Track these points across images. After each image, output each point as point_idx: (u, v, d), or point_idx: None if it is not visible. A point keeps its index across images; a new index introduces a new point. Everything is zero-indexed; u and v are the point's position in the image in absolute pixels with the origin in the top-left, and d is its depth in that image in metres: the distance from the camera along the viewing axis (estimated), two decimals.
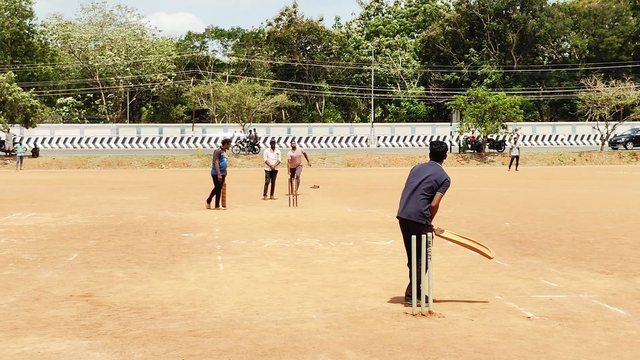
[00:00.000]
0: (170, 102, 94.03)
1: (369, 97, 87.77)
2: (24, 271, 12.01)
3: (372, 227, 17.60)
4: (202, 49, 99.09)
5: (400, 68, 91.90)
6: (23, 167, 47.06)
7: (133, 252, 13.92)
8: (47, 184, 34.30)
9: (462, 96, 58.20)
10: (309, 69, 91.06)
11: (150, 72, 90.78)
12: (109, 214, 20.51)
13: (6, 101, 51.46)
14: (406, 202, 9.57)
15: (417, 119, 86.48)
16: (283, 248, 14.47)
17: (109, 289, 10.60)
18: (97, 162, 49.80)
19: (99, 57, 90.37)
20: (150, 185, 33.37)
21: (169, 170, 47.19)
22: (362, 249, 14.29)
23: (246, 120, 61.45)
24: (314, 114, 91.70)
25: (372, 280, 11.26)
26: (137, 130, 71.43)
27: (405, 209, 9.56)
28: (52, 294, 10.25)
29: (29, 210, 21.75)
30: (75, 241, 15.40)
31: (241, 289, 10.64)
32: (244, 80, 70.90)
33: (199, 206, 23.04)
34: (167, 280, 11.24)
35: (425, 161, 10.09)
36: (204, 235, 16.28)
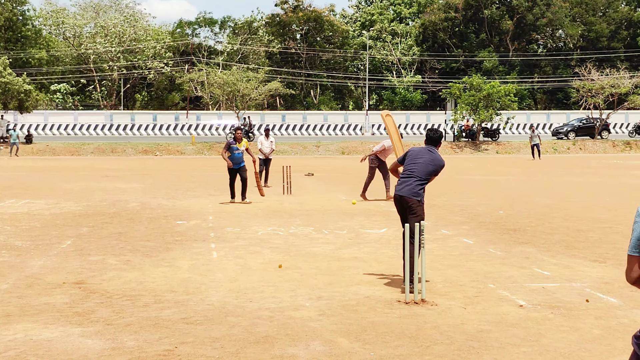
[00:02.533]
0: (164, 89, 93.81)
1: (364, 85, 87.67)
2: (17, 258, 11.99)
3: (366, 215, 17.60)
4: (194, 36, 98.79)
5: (399, 55, 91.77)
6: (18, 154, 46.85)
7: (126, 240, 13.90)
8: (41, 170, 34.24)
9: (457, 84, 58.18)
10: (305, 57, 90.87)
11: (145, 59, 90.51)
12: (102, 202, 20.49)
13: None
14: (405, 183, 10.05)
15: (411, 107, 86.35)
16: (277, 236, 14.48)
17: (101, 276, 10.59)
18: (90, 149, 49.74)
19: (92, 45, 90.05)
20: (144, 172, 33.33)
21: (163, 158, 47.16)
22: (356, 237, 14.30)
23: (240, 108, 61.36)
24: (309, 101, 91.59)
25: (366, 268, 11.27)
26: (131, 117, 71.27)
27: (402, 188, 10.02)
28: (44, 281, 10.25)
29: (22, 197, 21.71)
30: (69, 228, 15.38)
31: (234, 276, 10.64)
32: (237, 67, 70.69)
33: (193, 194, 23.02)
34: (160, 268, 11.24)
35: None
36: (197, 223, 16.27)
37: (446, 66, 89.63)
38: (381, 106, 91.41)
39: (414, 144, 51.77)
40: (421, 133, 67.91)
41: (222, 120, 68.62)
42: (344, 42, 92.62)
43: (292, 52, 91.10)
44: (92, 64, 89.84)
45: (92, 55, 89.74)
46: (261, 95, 62.36)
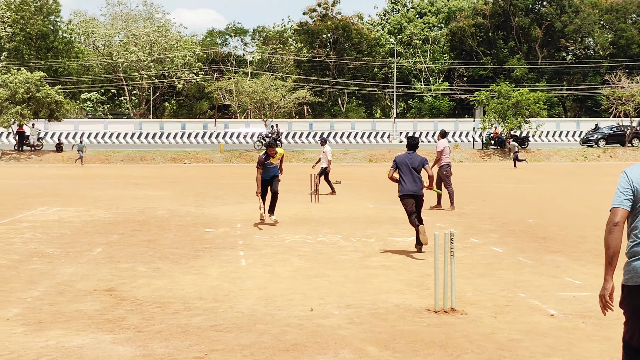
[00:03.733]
0: (193, 98, 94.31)
1: (392, 93, 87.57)
2: (48, 265, 12.09)
3: (394, 223, 17.56)
4: (224, 45, 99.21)
5: (428, 62, 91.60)
6: (82, 164, 46.89)
7: (155, 247, 13.97)
8: (71, 178, 34.50)
9: (485, 92, 57.93)
10: (333, 65, 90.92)
11: (174, 68, 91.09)
12: (131, 209, 20.60)
13: (33, 97, 51.79)
14: (412, 183, 13.44)
15: (439, 114, 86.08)
16: (305, 244, 14.49)
17: (131, 284, 10.65)
18: (120, 157, 50.04)
19: (122, 53, 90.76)
20: (172, 180, 33.48)
21: (192, 166, 47.33)
22: (384, 245, 14.28)
23: (268, 116, 61.48)
24: (337, 109, 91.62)
25: (394, 276, 11.25)
26: (160, 126, 71.61)
27: (413, 187, 13.42)
28: (75, 288, 10.32)
29: (53, 204, 21.88)
30: (99, 236, 15.48)
31: (263, 284, 10.66)
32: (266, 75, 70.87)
33: (222, 202, 23.07)
34: (190, 275, 11.29)
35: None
36: (226, 231, 16.31)
37: (474, 74, 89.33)
38: (408, 114, 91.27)
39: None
40: (449, 141, 67.63)
41: (250, 129, 68.77)
42: (372, 49, 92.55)
43: (321, 60, 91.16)
44: (122, 73, 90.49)
45: (123, 64, 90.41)
46: (289, 103, 62.46)
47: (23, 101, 51.63)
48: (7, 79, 52.66)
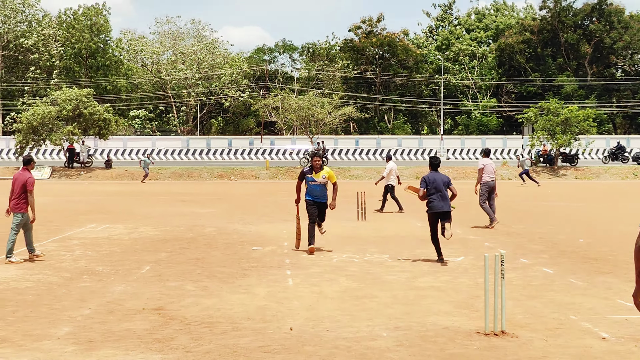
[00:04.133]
0: (240, 115, 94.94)
1: (439, 109, 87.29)
2: (98, 283, 12.20)
3: (442, 243, 17.39)
4: (272, 62, 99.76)
5: (476, 79, 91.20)
6: (145, 181, 46.81)
7: (203, 265, 14.03)
8: (120, 195, 34.84)
9: (534, 108, 57.45)
10: (379, 81, 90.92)
11: (222, 85, 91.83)
12: (179, 227, 20.72)
13: (82, 114, 52.53)
14: (439, 201, 14.49)
15: (487, 131, 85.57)
16: (352, 263, 14.44)
17: (180, 303, 10.70)
18: (167, 174, 50.43)
19: (171, 71, 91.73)
20: (219, 197, 33.64)
21: (238, 182, 47.53)
22: (433, 265, 14.18)
23: (314, 133, 61.62)
24: (383, 126, 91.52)
25: (443, 297, 11.15)
26: (207, 142, 72.14)
27: (443, 205, 14.50)
28: (125, 307, 10.39)
29: (103, 222, 22.10)
30: (147, 253, 15.59)
31: (311, 304, 10.63)
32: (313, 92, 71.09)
33: (268, 219, 23.11)
34: (237, 295, 11.30)
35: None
36: (273, 249, 16.33)
37: (523, 90, 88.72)
38: (456, 131, 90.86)
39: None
40: (497, 158, 67.23)
41: (296, 145, 68.98)
42: (419, 65, 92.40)
43: (367, 76, 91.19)
44: (170, 91, 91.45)
45: (171, 81, 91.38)
46: (335, 120, 62.52)
47: (71, 118, 52.36)
48: (58, 96, 53.49)
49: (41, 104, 53.86)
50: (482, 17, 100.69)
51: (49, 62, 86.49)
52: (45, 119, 51.57)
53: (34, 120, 51.42)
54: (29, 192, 14.51)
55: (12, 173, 50.30)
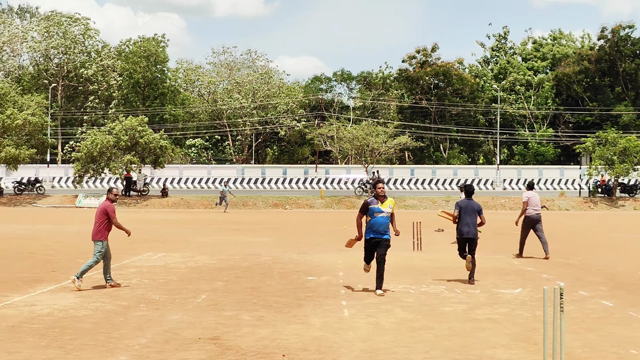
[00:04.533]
0: (295, 144, 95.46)
1: (495, 139, 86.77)
2: (155, 312, 12.28)
3: (499, 274, 17.25)
4: (328, 91, 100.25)
5: (532, 108, 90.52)
6: (227, 211, 46.43)
7: (259, 295, 14.05)
8: (176, 223, 35.13)
9: (592, 138, 56.76)
10: (434, 110, 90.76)
11: (277, 114, 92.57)
12: (235, 255, 20.81)
13: (138, 143, 53.27)
14: (468, 227, 15.74)
15: (544, 161, 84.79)
16: (408, 294, 14.34)
17: (236, 332, 10.71)
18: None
19: (227, 100, 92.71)
20: (274, 226, 33.74)
21: (293, 211, 47.64)
22: (489, 297, 14.01)
23: (369, 162, 61.63)
24: (438, 155, 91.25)
25: (501, 330, 11.01)
26: (262, 171, 72.56)
27: (470, 231, 15.74)
28: (181, 336, 10.44)
29: (159, 250, 22.29)
30: (204, 282, 15.67)
31: (367, 335, 10.57)
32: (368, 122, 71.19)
33: (323, 249, 23.10)
34: (293, 325, 11.28)
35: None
36: (328, 279, 16.30)
37: (580, 120, 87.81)
38: (512, 161, 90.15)
39: (548, 199, 50.68)
40: (554, 188, 66.47)
41: (350, 175, 69.01)
42: (474, 95, 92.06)
43: (422, 105, 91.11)
44: (226, 120, 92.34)
45: (226, 111, 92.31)
46: (390, 149, 62.48)
47: (128, 148, 53.11)
48: (115, 126, 54.34)
49: (99, 133, 54.73)
50: (540, 47, 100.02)
51: (107, 92, 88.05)
52: (103, 148, 52.41)
53: (93, 149, 52.27)
54: (111, 218, 14.79)
55: (71, 201, 51.14)
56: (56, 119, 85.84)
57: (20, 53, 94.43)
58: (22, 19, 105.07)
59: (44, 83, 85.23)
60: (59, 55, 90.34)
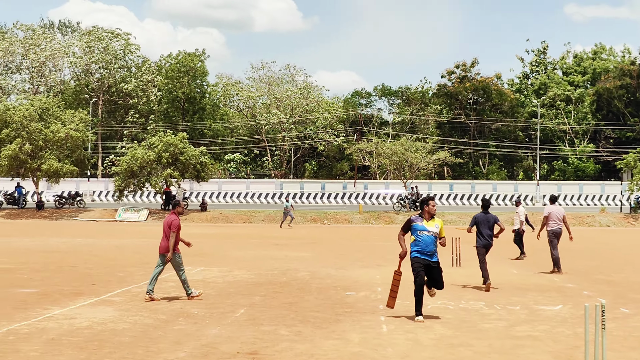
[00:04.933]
0: (333, 159, 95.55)
1: (535, 154, 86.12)
2: (193, 326, 12.30)
3: (540, 291, 17.06)
4: (368, 106, 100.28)
5: (572, 123, 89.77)
6: (291, 225, 45.53)
7: (297, 310, 14.02)
8: (214, 238, 35.25)
9: (633, 154, 56.09)
10: (474, 126, 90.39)
11: (316, 129, 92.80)
12: (273, 270, 20.81)
13: (178, 159, 53.62)
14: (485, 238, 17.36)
15: (584, 177, 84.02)
16: (447, 310, 14.22)
17: (274, 347, 10.69)
18: (261, 217, 50.85)
19: (265, 115, 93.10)
20: (312, 241, 33.72)
21: (331, 226, 47.61)
22: (530, 314, 13.85)
23: (408, 177, 61.46)
24: (477, 170, 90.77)
25: (542, 347, 10.87)
26: (300, 186, 72.71)
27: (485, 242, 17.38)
28: (219, 351, 10.43)
29: (198, 264, 22.35)
30: (242, 297, 15.68)
31: (405, 352, 10.49)
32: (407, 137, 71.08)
33: (361, 264, 23.02)
34: (331, 340, 11.23)
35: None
36: (366, 295, 16.23)
37: (621, 135, 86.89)
38: (552, 176, 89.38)
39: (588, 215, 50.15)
40: (595, 204, 65.78)
41: (389, 190, 68.88)
42: (514, 110, 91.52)
43: (461, 121, 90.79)
44: (265, 135, 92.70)
45: (265, 126, 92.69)
46: (429, 165, 62.27)
47: (169, 164, 53.46)
48: (155, 142, 54.73)
49: (139, 148, 55.16)
50: (580, 61, 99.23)
51: (147, 107, 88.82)
52: (143, 162, 52.81)
53: (133, 164, 52.70)
54: (172, 232, 15.21)
55: (111, 215, 51.56)
56: (97, 133, 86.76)
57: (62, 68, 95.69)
58: (63, 34, 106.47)
59: (85, 98, 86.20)
60: (100, 70, 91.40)
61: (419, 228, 13.04)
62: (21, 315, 13.18)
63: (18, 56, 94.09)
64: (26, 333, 11.60)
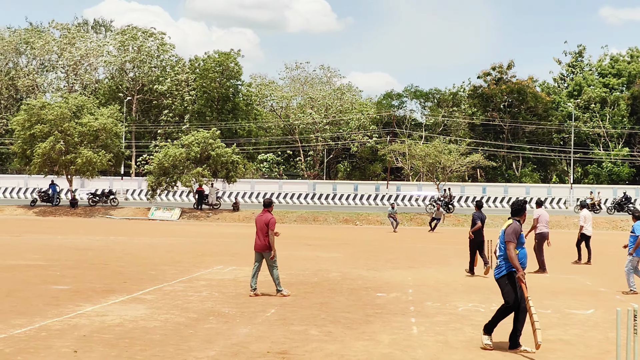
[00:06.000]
0: (366, 160, 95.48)
1: (568, 158, 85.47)
2: (224, 325, 12.37)
3: (572, 294, 16.95)
4: (400, 107, 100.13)
5: (608, 126, 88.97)
6: (395, 230, 43.29)
7: (327, 310, 14.04)
8: (247, 237, 35.31)
9: None
10: (507, 128, 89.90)
11: (349, 130, 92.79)
12: (304, 270, 20.86)
13: (210, 156, 53.83)
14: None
15: (619, 181, 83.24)
16: (478, 312, 14.18)
17: (304, 347, 10.72)
18: (294, 217, 50.94)
19: (299, 115, 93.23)
20: (344, 242, 33.73)
21: (363, 228, 47.57)
22: (561, 318, 13.77)
23: (441, 179, 61.26)
24: (510, 173, 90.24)
25: (573, 351, 10.81)
26: (333, 187, 72.72)
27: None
28: (250, 350, 10.48)
29: (229, 263, 22.47)
30: (273, 297, 15.74)
31: (435, 354, 10.48)
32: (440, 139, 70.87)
33: (393, 265, 23.00)
34: (361, 341, 11.25)
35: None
36: (397, 296, 16.22)
37: None
38: (586, 180, 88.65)
39: (622, 219, 49.69)
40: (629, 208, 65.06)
41: (422, 192, 68.72)
42: (548, 113, 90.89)
43: (494, 123, 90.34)
44: (298, 135, 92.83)
45: (299, 126, 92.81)
46: (462, 167, 62.04)
47: (200, 160, 53.68)
48: (186, 139, 54.96)
49: (172, 146, 55.41)
50: (615, 62, 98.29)
51: (181, 106, 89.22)
52: (175, 160, 53.07)
53: (165, 161, 52.99)
54: (271, 231, 15.71)
55: (143, 213, 51.88)
56: (130, 132, 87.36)
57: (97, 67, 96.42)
58: (98, 32, 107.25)
59: (119, 96, 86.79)
60: (134, 69, 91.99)
61: (522, 240, 11.14)
62: (53, 311, 13.33)
63: (54, 55, 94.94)
64: (58, 329, 11.74)
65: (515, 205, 11.53)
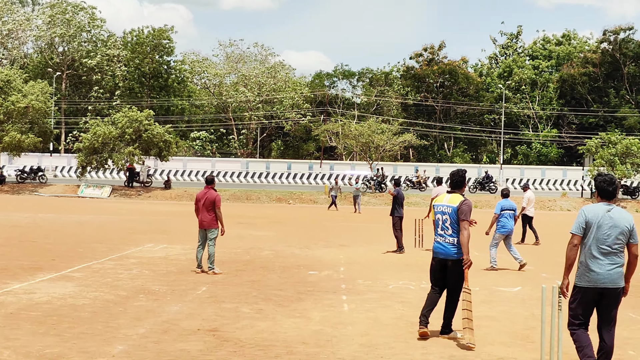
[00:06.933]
0: (300, 139, 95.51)
1: (499, 138, 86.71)
2: (154, 302, 12.30)
3: (499, 273, 17.26)
4: (331, 87, 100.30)
5: (537, 108, 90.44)
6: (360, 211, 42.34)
7: (259, 288, 14.06)
8: (178, 215, 35.12)
9: (595, 140, 56.68)
10: (439, 109, 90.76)
11: (282, 109, 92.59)
12: (236, 249, 20.82)
13: (142, 137, 53.20)
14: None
15: (547, 161, 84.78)
16: (408, 290, 14.34)
17: (235, 325, 10.72)
18: (226, 196, 50.73)
19: (232, 93, 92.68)
20: (277, 220, 33.76)
21: (296, 206, 47.66)
22: (489, 295, 14.01)
23: (374, 159, 61.62)
24: (442, 153, 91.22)
25: (499, 327, 11.02)
26: (266, 166, 72.63)
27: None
28: (180, 327, 10.45)
29: (160, 241, 22.32)
30: (204, 275, 15.69)
31: (365, 330, 10.58)
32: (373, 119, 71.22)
33: (325, 244, 23.10)
34: (292, 318, 11.30)
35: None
36: (329, 274, 16.31)
37: (584, 121, 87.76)
38: (515, 160, 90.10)
39: (550, 199, 50.65)
40: (557, 189, 66.40)
41: (355, 171, 69.05)
42: (479, 94, 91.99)
43: (427, 103, 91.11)
44: (232, 113, 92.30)
45: (232, 104, 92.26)
46: (395, 147, 62.48)
47: (132, 140, 53.06)
48: (118, 118, 54.17)
49: (102, 124, 54.62)
50: (547, 44, 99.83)
51: (111, 82, 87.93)
52: (106, 139, 52.37)
53: (95, 140, 52.23)
54: (217, 208, 15.99)
55: (73, 191, 51.08)
56: (60, 108, 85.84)
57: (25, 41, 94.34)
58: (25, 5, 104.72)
59: (48, 72, 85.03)
60: (64, 44, 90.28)
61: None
62: None
63: None
64: None
65: (457, 177, 10.76)
